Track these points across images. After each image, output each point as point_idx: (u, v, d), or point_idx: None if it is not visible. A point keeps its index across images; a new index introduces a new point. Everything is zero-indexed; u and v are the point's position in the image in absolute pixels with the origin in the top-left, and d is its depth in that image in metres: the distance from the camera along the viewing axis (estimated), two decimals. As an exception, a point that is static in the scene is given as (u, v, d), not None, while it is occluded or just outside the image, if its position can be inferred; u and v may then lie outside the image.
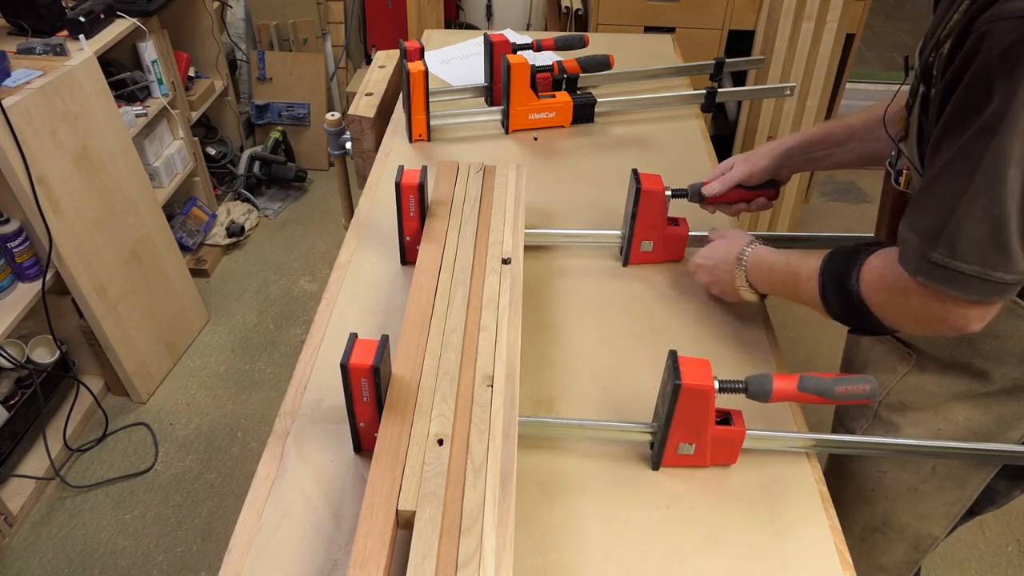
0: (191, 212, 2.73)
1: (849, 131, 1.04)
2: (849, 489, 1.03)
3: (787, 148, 1.07)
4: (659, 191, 1.07)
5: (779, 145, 1.07)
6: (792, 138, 1.07)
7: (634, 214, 1.09)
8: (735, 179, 1.08)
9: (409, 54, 1.40)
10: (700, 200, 1.12)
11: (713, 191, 1.09)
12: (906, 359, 0.93)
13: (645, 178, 1.07)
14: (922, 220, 0.73)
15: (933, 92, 0.75)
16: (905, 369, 0.93)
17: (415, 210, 1.06)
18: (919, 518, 1.00)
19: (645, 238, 1.12)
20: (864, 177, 3.29)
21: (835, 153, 1.05)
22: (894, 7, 4.75)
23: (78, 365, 2.18)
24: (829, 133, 1.06)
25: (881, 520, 1.02)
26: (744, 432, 0.83)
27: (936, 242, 0.71)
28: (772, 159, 1.07)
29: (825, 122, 1.08)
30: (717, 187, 1.09)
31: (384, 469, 0.73)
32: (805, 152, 1.07)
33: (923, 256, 0.72)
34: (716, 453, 0.84)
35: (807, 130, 1.09)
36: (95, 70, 1.95)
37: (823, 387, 0.79)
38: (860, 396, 0.79)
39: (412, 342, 0.86)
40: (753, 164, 1.07)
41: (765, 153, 1.08)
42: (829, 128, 1.06)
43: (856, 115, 1.06)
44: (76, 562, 1.84)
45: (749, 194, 1.10)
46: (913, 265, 0.74)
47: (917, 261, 0.73)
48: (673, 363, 0.79)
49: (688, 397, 0.78)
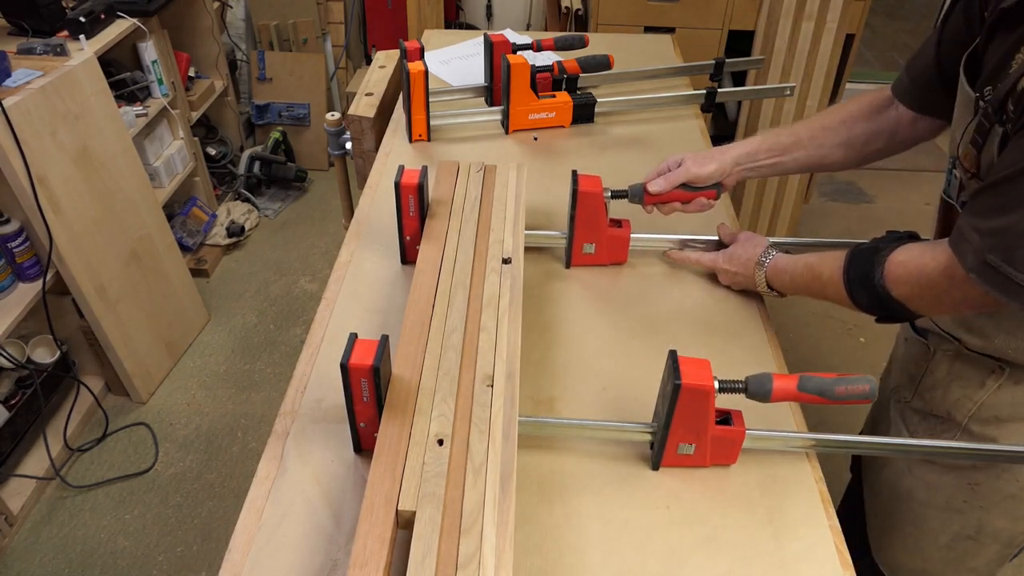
0: (191, 212, 2.73)
1: (795, 139, 1.06)
2: (935, 501, 1.01)
3: (736, 155, 1.07)
4: (597, 192, 1.07)
5: (728, 150, 1.07)
6: (741, 145, 1.08)
7: (572, 216, 1.08)
8: (680, 178, 1.06)
9: (409, 54, 1.40)
10: (640, 199, 1.09)
11: (658, 188, 1.07)
12: (996, 372, 0.91)
13: (583, 179, 1.07)
14: (984, 220, 0.73)
15: (1008, 128, 0.74)
16: (996, 383, 0.92)
17: (415, 210, 1.06)
18: (1015, 520, 0.99)
19: (586, 240, 1.12)
20: (864, 177, 3.29)
21: (781, 161, 1.07)
22: (894, 7, 4.75)
23: (78, 365, 2.18)
24: (776, 142, 1.07)
25: (974, 528, 1.01)
26: (744, 432, 0.83)
27: (995, 244, 0.72)
28: (721, 164, 1.07)
29: (772, 129, 1.09)
30: (662, 184, 1.07)
31: (384, 469, 0.73)
32: (752, 159, 1.07)
33: (979, 255, 0.73)
34: (716, 453, 0.84)
35: (754, 137, 1.09)
36: (95, 70, 1.96)
37: (823, 387, 0.79)
38: (860, 396, 0.79)
39: (412, 342, 0.86)
40: (701, 166, 1.06)
41: (715, 156, 1.07)
42: (776, 136, 1.07)
43: (802, 123, 1.07)
44: (76, 562, 1.84)
45: (690, 195, 1.09)
46: (969, 262, 0.75)
47: (974, 259, 0.74)
48: (673, 363, 0.79)
49: (688, 397, 0.78)
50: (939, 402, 0.98)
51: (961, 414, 0.95)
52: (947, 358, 0.96)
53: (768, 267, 1.01)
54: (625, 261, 1.16)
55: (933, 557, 1.06)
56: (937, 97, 0.95)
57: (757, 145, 1.07)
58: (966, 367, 0.94)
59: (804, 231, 2.91)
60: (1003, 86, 0.74)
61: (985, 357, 0.91)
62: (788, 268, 0.99)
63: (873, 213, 3.08)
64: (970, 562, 1.04)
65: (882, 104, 1.03)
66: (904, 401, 1.05)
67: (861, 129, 1.03)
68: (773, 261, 1.01)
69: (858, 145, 1.04)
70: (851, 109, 1.05)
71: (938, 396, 0.98)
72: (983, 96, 0.78)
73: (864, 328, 2.53)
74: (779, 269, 1.00)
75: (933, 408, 0.99)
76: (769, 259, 1.02)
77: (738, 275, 1.06)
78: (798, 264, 0.97)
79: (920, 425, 1.02)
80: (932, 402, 0.99)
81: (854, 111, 1.04)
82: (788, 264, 0.99)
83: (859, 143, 1.04)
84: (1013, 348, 0.88)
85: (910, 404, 1.04)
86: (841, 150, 1.04)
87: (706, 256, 1.10)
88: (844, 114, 1.05)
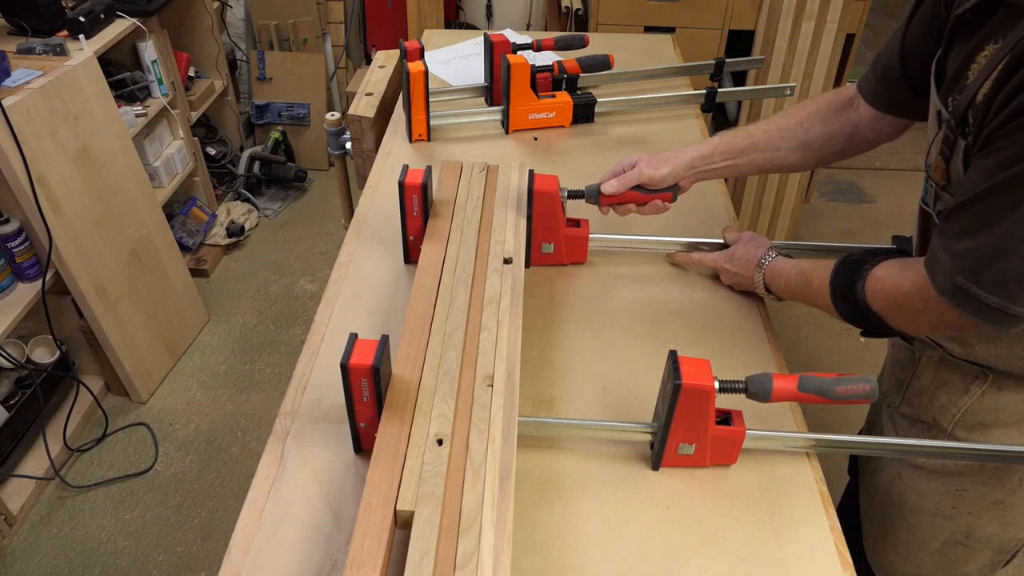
0: (191, 212, 2.73)
1: (751, 141, 1.05)
2: (924, 507, 1.01)
3: (691, 158, 1.06)
4: (553, 192, 1.07)
5: (683, 153, 1.06)
6: (696, 148, 1.06)
7: (529, 216, 1.08)
8: (633, 180, 1.05)
9: (409, 54, 1.40)
10: (596, 200, 1.08)
11: (611, 189, 1.05)
12: (980, 378, 0.91)
13: (539, 179, 1.07)
14: (954, 242, 0.73)
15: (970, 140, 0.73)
16: (980, 389, 0.91)
17: (418, 209, 1.06)
18: (1005, 526, 0.99)
19: (544, 240, 1.12)
20: (864, 177, 3.29)
21: (736, 164, 1.06)
22: (894, 7, 4.75)
23: (78, 365, 2.18)
24: (731, 144, 1.06)
25: (964, 534, 1.01)
26: (744, 432, 0.83)
27: (963, 266, 0.72)
28: (675, 167, 1.05)
29: (729, 131, 1.08)
30: (615, 186, 1.05)
31: (383, 469, 0.73)
32: (706, 161, 1.06)
33: (949, 277, 0.73)
34: (716, 453, 0.84)
35: (711, 139, 1.08)
36: (95, 70, 1.95)
37: (823, 387, 0.79)
38: (860, 396, 0.79)
39: (413, 342, 0.86)
40: (656, 168, 1.04)
41: (669, 159, 1.05)
42: (731, 139, 1.06)
43: (759, 125, 1.06)
44: (76, 562, 1.84)
45: (645, 197, 1.07)
46: (940, 284, 0.75)
47: (944, 281, 0.74)
48: (673, 363, 0.78)
49: (688, 397, 0.78)
50: (925, 407, 0.98)
51: (947, 420, 0.95)
52: (932, 364, 0.96)
53: (767, 269, 1.01)
54: (585, 260, 1.15)
55: (925, 563, 1.06)
56: (899, 95, 0.94)
57: (712, 148, 1.06)
58: (951, 373, 0.94)
59: (804, 231, 2.91)
60: (963, 98, 0.74)
61: (968, 364, 0.91)
62: (784, 272, 0.99)
63: (873, 213, 3.08)
64: (962, 568, 1.04)
65: (842, 104, 1.02)
66: (893, 406, 1.05)
67: (818, 131, 1.03)
68: (772, 264, 1.01)
69: (815, 147, 1.03)
70: (809, 110, 1.04)
71: (924, 402, 0.98)
72: (947, 106, 0.78)
73: (864, 328, 2.53)
74: (776, 272, 1.00)
75: (920, 414, 1.00)
76: (768, 261, 1.02)
77: (738, 275, 1.06)
78: (793, 269, 0.97)
79: (909, 430, 1.02)
80: (919, 407, 0.99)
81: (812, 112, 1.04)
82: (784, 268, 0.99)
83: (816, 145, 1.03)
84: (995, 355, 0.87)
85: (899, 409, 1.04)
86: (798, 152, 1.04)
87: (708, 256, 1.10)
88: (801, 115, 1.04)
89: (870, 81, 0.98)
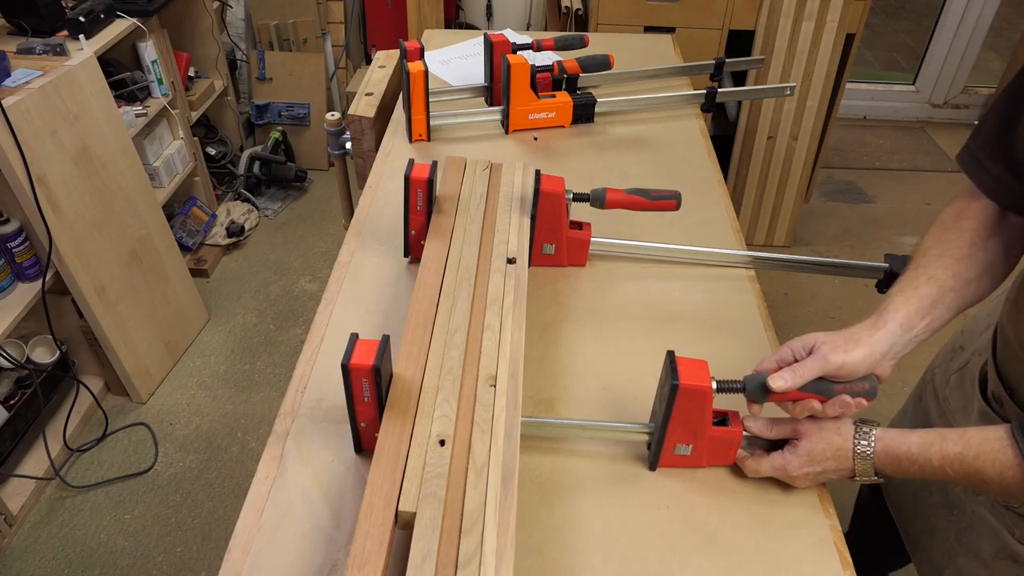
0: (191, 212, 2.72)
1: (938, 286, 0.83)
2: None
3: (889, 334, 0.80)
4: (559, 193, 1.06)
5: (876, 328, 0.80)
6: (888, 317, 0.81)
7: (534, 215, 1.08)
8: (817, 370, 0.78)
9: (409, 54, 1.40)
10: (761, 397, 0.80)
11: (783, 385, 0.77)
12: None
13: (546, 179, 1.06)
14: None
15: None
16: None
17: (423, 204, 1.06)
18: None
19: (547, 240, 1.12)
20: (864, 177, 3.29)
21: (935, 319, 0.83)
22: (894, 7, 4.75)
23: (78, 365, 2.18)
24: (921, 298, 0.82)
25: None
26: (741, 433, 0.83)
27: None
28: (872, 349, 0.79)
29: (905, 280, 0.85)
30: (789, 380, 0.78)
31: (384, 470, 0.73)
32: (908, 331, 0.81)
33: None
34: (713, 454, 0.84)
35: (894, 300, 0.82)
36: (95, 70, 1.95)
37: (822, 387, 0.79)
38: (860, 395, 0.79)
39: (415, 341, 0.86)
40: (846, 353, 0.78)
41: (862, 339, 0.79)
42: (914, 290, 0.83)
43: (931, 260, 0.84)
44: (76, 562, 1.84)
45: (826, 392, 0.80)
46: None
47: None
48: (671, 363, 0.78)
49: (685, 397, 0.78)
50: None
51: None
52: None
53: (876, 454, 0.78)
54: (585, 264, 1.15)
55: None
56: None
57: (905, 312, 0.81)
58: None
59: (804, 231, 2.91)
60: None
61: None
62: (909, 455, 0.76)
63: (873, 213, 3.08)
64: None
65: (997, 213, 0.85)
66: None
67: (994, 246, 0.84)
68: (881, 446, 0.78)
69: (997, 266, 0.85)
70: (973, 227, 0.85)
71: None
72: None
73: (864, 328, 2.53)
74: (897, 456, 0.77)
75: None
76: (868, 443, 0.78)
77: (824, 473, 0.81)
78: (930, 455, 0.75)
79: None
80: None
81: (977, 228, 0.85)
82: (910, 451, 0.76)
83: (997, 263, 0.85)
84: None
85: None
86: (986, 278, 0.84)
87: (767, 464, 0.82)
88: (969, 236, 0.84)
89: (1012, 189, 0.82)
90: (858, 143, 3.55)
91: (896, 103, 3.72)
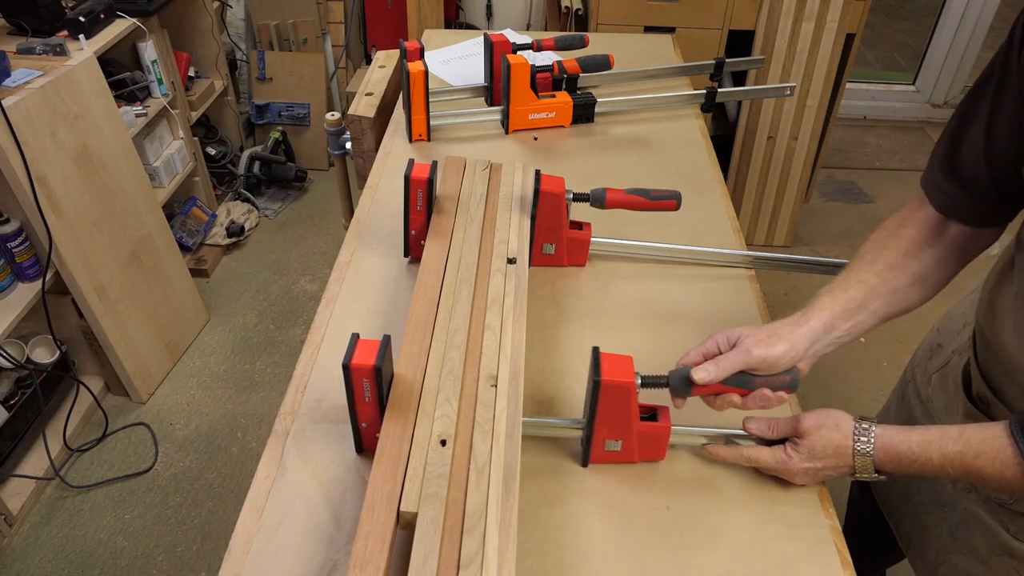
0: (191, 212, 2.73)
1: (867, 290, 0.85)
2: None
3: (810, 330, 0.81)
4: (559, 193, 1.06)
5: (799, 325, 0.82)
6: (811, 315, 0.83)
7: (534, 215, 1.08)
8: (739, 364, 0.79)
9: (409, 54, 1.40)
10: (684, 391, 0.81)
11: (706, 377, 0.79)
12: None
13: (546, 179, 1.06)
14: None
15: None
16: None
17: (423, 204, 1.06)
18: None
19: (547, 240, 1.12)
20: (864, 177, 3.29)
21: (859, 323, 0.85)
22: (894, 7, 4.75)
23: (78, 365, 2.18)
24: (848, 300, 0.84)
25: None
26: (670, 427, 0.83)
27: None
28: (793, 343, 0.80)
29: (835, 283, 0.86)
30: (712, 372, 0.79)
31: (386, 470, 0.73)
32: (830, 330, 0.83)
33: None
34: (644, 449, 0.85)
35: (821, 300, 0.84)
36: (95, 70, 1.95)
37: (743, 379, 0.79)
38: (781, 387, 0.80)
39: (416, 341, 0.86)
40: (768, 347, 0.79)
41: (783, 334, 0.80)
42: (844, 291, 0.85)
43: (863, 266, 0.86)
44: (76, 562, 1.84)
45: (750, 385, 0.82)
46: None
47: None
48: (595, 360, 0.79)
49: (609, 393, 0.78)
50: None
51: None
52: None
53: (876, 452, 0.78)
54: (585, 264, 1.15)
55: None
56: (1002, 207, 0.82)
57: (830, 311, 0.83)
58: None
59: (804, 231, 2.92)
60: None
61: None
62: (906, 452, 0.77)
63: (873, 213, 3.08)
64: None
65: (937, 222, 0.86)
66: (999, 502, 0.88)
67: (929, 257, 0.85)
68: (880, 443, 0.78)
69: (931, 276, 0.86)
70: (910, 235, 0.86)
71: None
72: None
73: (864, 328, 2.53)
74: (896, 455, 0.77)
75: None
76: (867, 441, 0.78)
77: (824, 470, 0.82)
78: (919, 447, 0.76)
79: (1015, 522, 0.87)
80: None
81: (914, 237, 0.86)
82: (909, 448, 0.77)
83: (931, 273, 0.86)
84: None
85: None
86: (917, 288, 0.85)
87: (767, 455, 0.83)
88: (904, 244, 0.86)
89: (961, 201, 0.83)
90: (858, 143, 3.55)
91: (896, 103, 3.72)
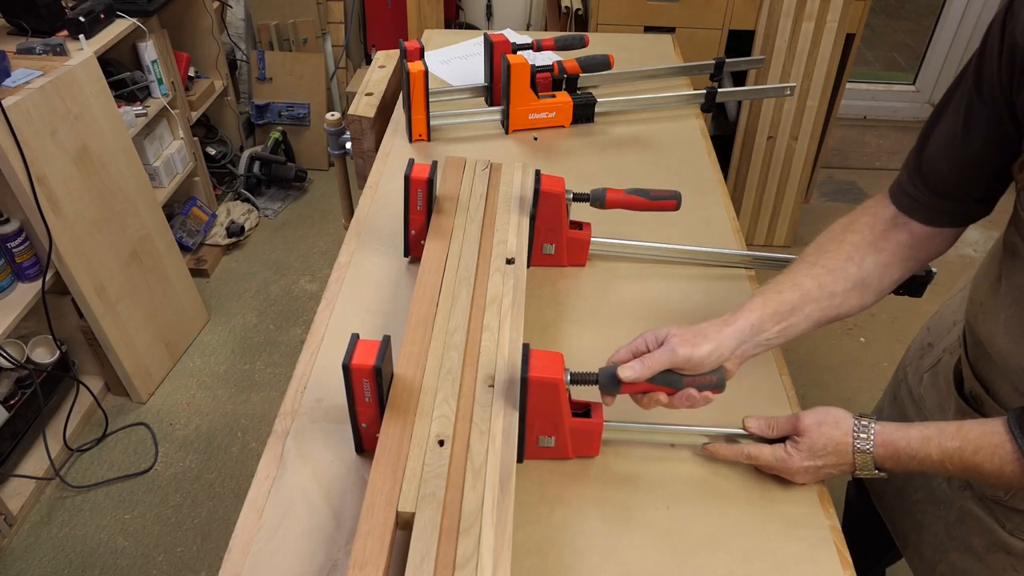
0: (191, 212, 2.73)
1: (801, 293, 0.85)
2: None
3: (737, 330, 0.82)
4: (559, 193, 1.06)
5: (726, 325, 0.82)
6: (740, 316, 0.83)
7: (534, 215, 1.08)
8: (664, 363, 0.79)
9: (409, 54, 1.40)
10: (613, 388, 0.81)
11: (631, 375, 0.79)
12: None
13: (546, 179, 1.06)
14: None
15: None
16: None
17: (423, 204, 1.06)
18: None
19: (547, 240, 1.12)
20: (864, 177, 3.29)
21: (791, 326, 0.85)
22: (894, 7, 4.75)
23: (78, 365, 2.18)
24: (780, 303, 0.84)
25: None
26: (602, 424, 0.83)
27: None
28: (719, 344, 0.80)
29: (768, 286, 0.86)
30: (637, 370, 0.79)
31: (385, 470, 0.73)
32: (758, 332, 0.84)
33: None
34: (577, 445, 0.85)
35: (753, 301, 0.84)
36: (95, 70, 1.95)
37: (670, 378, 0.79)
38: (707, 388, 0.80)
39: (416, 341, 0.86)
40: (694, 347, 0.79)
41: (709, 334, 0.80)
42: (777, 294, 0.84)
43: (800, 269, 0.86)
44: (76, 562, 1.84)
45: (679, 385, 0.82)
46: None
47: None
48: (524, 356, 0.79)
49: (537, 389, 0.78)
50: None
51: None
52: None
53: (876, 448, 0.78)
54: (585, 264, 1.15)
55: None
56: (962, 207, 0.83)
57: (760, 312, 0.83)
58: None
59: (804, 231, 2.91)
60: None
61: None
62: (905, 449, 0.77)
63: (873, 213, 3.07)
64: None
65: (885, 227, 0.86)
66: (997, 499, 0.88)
67: (871, 264, 0.85)
68: (880, 440, 0.78)
69: (873, 283, 0.85)
70: (852, 241, 0.85)
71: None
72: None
73: (864, 328, 2.53)
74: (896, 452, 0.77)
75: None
76: (867, 438, 0.78)
77: (824, 468, 0.81)
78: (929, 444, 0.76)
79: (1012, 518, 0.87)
80: None
81: (857, 243, 0.85)
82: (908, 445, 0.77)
83: (873, 280, 0.85)
84: None
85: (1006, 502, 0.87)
86: (855, 293, 0.85)
87: (767, 453, 0.83)
88: (846, 249, 0.85)
89: (919, 197, 0.83)
90: (858, 143, 3.55)
91: (896, 103, 3.71)
